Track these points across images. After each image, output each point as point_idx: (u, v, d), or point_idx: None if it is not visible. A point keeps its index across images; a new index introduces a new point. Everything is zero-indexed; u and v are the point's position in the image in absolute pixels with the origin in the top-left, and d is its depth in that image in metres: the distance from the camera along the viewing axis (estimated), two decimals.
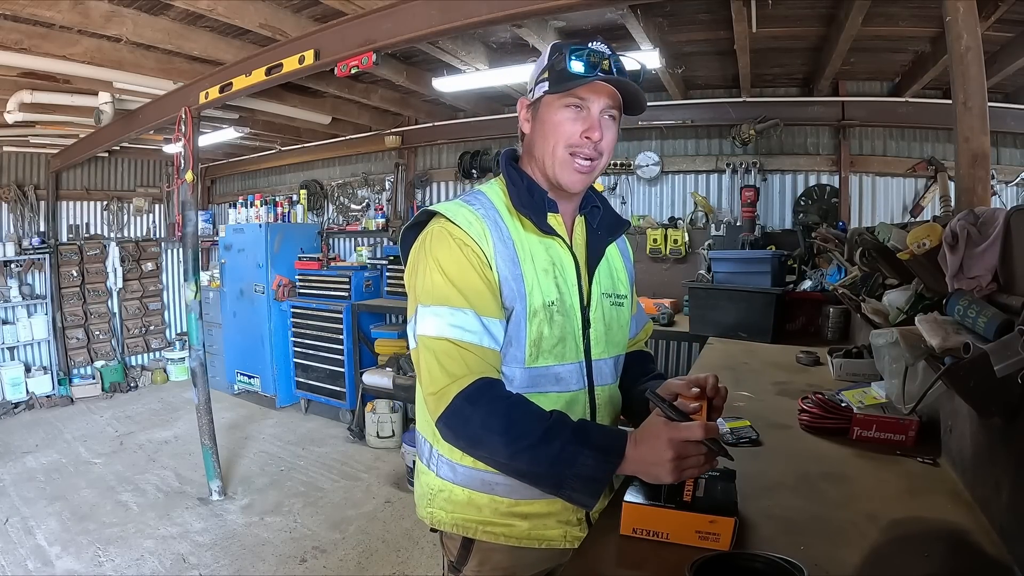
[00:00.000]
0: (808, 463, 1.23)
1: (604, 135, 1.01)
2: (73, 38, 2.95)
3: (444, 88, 3.68)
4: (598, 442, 0.88)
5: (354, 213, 5.74)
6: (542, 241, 1.04)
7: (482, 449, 0.94)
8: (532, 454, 0.88)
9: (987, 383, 0.82)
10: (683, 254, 4.05)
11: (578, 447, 0.87)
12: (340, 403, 4.86)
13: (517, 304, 0.99)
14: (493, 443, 0.90)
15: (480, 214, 1.01)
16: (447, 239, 0.98)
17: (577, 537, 1.07)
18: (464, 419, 0.91)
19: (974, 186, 1.56)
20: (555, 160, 1.02)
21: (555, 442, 0.88)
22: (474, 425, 0.91)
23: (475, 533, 1.06)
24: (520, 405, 0.93)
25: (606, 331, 1.10)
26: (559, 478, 0.88)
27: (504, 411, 0.91)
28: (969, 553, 0.88)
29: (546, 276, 1.02)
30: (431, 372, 0.95)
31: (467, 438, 0.94)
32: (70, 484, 3.79)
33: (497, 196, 1.07)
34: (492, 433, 0.90)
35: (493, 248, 0.98)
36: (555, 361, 1.02)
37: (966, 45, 1.57)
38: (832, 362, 2.00)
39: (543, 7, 2.08)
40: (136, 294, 6.50)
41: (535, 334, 1.00)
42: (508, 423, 0.89)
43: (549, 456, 0.88)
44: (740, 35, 2.85)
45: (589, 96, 0.99)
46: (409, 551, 2.98)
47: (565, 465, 0.87)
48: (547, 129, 1.02)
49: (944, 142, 3.56)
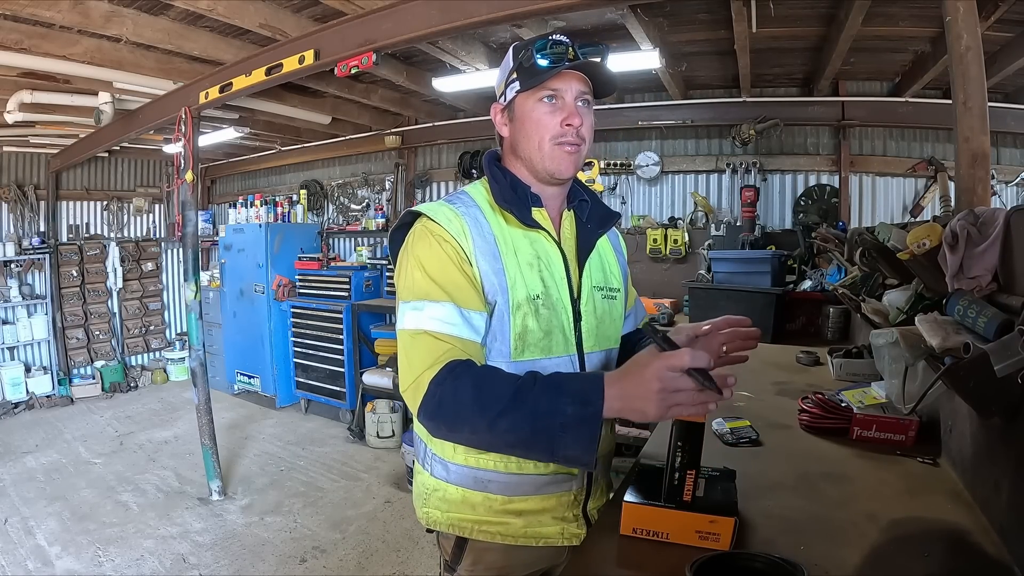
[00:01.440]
0: (808, 463, 1.23)
1: (583, 120, 1.02)
2: (73, 38, 2.95)
3: (444, 88, 3.68)
4: (572, 388, 0.83)
5: (354, 213, 5.74)
6: (527, 235, 1.05)
7: (462, 428, 0.89)
8: (510, 418, 0.84)
9: (987, 383, 0.82)
10: (683, 254, 4.05)
11: (553, 398, 0.83)
12: (340, 403, 4.86)
13: (499, 298, 0.99)
14: (468, 416, 0.86)
15: (460, 212, 1.02)
16: (427, 237, 0.99)
17: (575, 534, 1.07)
18: (437, 402, 0.88)
19: (974, 186, 1.56)
20: (542, 154, 1.03)
21: (528, 399, 0.83)
22: (447, 404, 0.88)
23: (470, 533, 1.06)
24: (488, 373, 0.91)
25: (598, 324, 1.10)
26: (548, 438, 0.82)
27: (472, 381, 0.88)
28: (969, 553, 0.88)
29: (531, 269, 1.02)
30: (409, 364, 0.94)
31: (445, 421, 0.90)
32: (70, 484, 3.79)
33: (479, 194, 1.08)
34: (464, 406, 0.86)
35: (472, 244, 0.98)
36: (541, 355, 1.02)
37: (966, 45, 1.57)
38: (832, 362, 2.00)
39: (543, 7, 2.08)
40: (136, 294, 6.50)
41: (519, 327, 1.00)
42: (477, 392, 0.86)
43: (527, 415, 0.83)
44: (740, 35, 2.85)
45: (561, 86, 1.00)
46: (409, 551, 2.98)
47: (547, 418, 0.82)
48: (528, 127, 1.03)
49: (944, 142, 3.56)
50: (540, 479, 1.05)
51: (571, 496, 1.08)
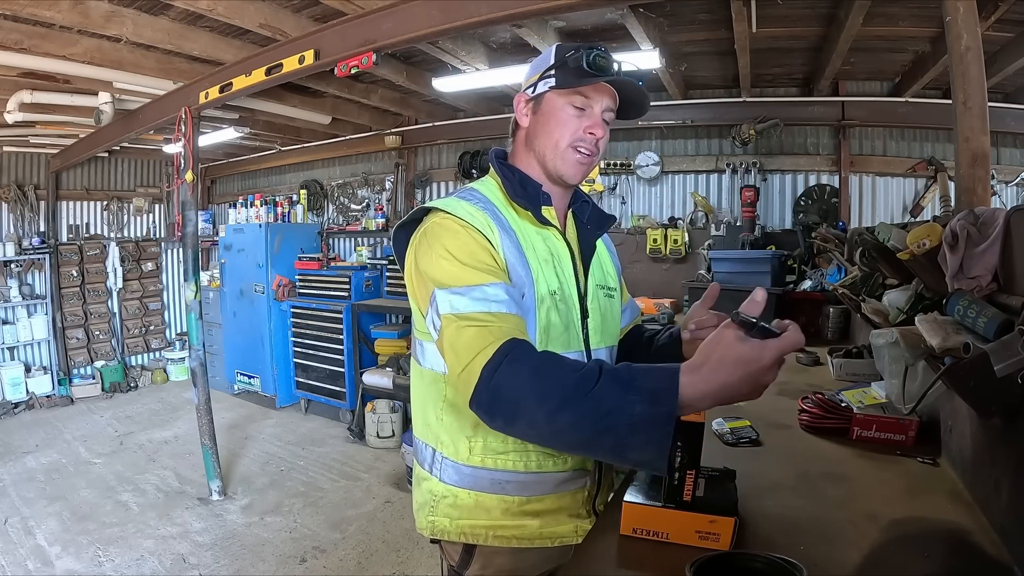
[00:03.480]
0: (808, 463, 1.23)
1: (604, 133, 1.04)
2: (73, 38, 2.95)
3: (444, 88, 3.68)
4: (643, 384, 0.74)
5: (354, 213, 5.74)
6: (539, 232, 1.06)
7: (521, 420, 0.81)
8: (572, 412, 0.75)
9: (987, 383, 0.82)
10: (683, 254, 4.05)
11: (621, 393, 0.74)
12: (340, 403, 4.86)
13: (527, 290, 0.98)
14: (527, 406, 0.78)
15: (480, 207, 1.00)
16: (451, 227, 0.95)
17: (587, 531, 1.05)
18: (493, 390, 0.81)
19: (974, 186, 1.56)
20: (557, 153, 1.04)
21: (593, 394, 0.75)
22: (504, 392, 0.80)
23: (484, 539, 1.03)
24: (549, 358, 0.84)
25: (602, 322, 1.12)
26: (615, 437, 0.73)
27: (532, 367, 0.81)
28: (969, 553, 0.88)
29: (547, 265, 1.03)
30: (456, 351, 0.86)
31: (502, 412, 0.82)
32: (70, 484, 3.79)
33: (491, 191, 1.08)
34: (523, 394, 0.79)
35: (499, 237, 0.97)
36: (562, 349, 1.02)
37: (966, 45, 1.58)
38: (832, 362, 2.00)
39: (543, 7, 2.08)
40: (136, 294, 6.50)
41: (544, 321, 1.00)
42: (537, 378, 0.79)
43: (591, 413, 0.74)
44: (740, 35, 2.85)
45: (594, 95, 1.02)
46: (409, 551, 2.98)
47: (613, 417, 0.73)
48: (551, 124, 1.04)
49: (944, 142, 3.56)
50: (559, 476, 1.05)
51: (585, 492, 1.09)
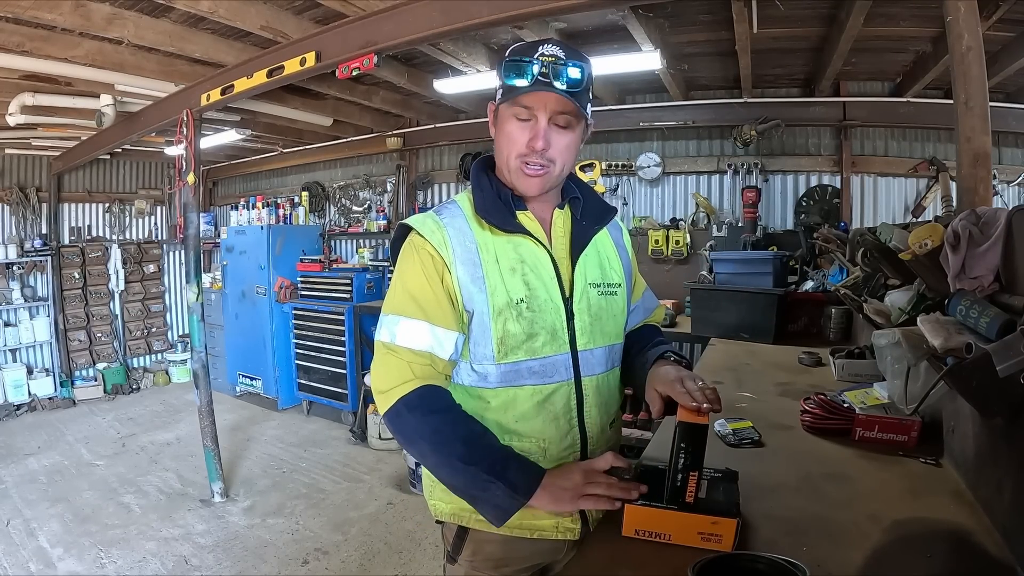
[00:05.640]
0: (810, 464, 1.23)
1: (551, 144, 1.00)
2: (75, 40, 2.96)
3: (445, 90, 3.69)
4: (513, 479, 0.95)
5: (356, 215, 5.75)
6: (510, 240, 1.06)
7: (412, 450, 1.03)
8: (452, 471, 0.97)
9: (989, 383, 0.82)
10: (685, 255, 4.05)
11: (491, 479, 0.94)
12: (342, 405, 4.86)
13: (480, 305, 1.02)
14: (421, 448, 1.00)
15: (444, 222, 1.05)
16: (412, 252, 1.05)
17: (569, 528, 1.07)
18: (401, 422, 0.99)
19: (976, 186, 1.56)
20: (510, 169, 1.05)
21: (471, 467, 0.95)
22: (408, 429, 0.99)
23: (468, 522, 1.09)
24: (451, 420, 0.99)
25: (592, 321, 1.10)
26: (472, 499, 0.97)
27: (435, 424, 0.98)
28: (972, 554, 0.88)
29: (513, 275, 1.04)
30: (380, 375, 1.02)
31: (403, 438, 1.02)
32: (72, 486, 3.79)
33: (465, 203, 1.10)
34: (422, 440, 0.99)
35: (453, 253, 1.02)
36: (526, 356, 1.03)
37: (967, 45, 1.57)
38: (834, 363, 1.99)
39: (544, 8, 2.08)
40: (138, 296, 6.51)
41: (501, 332, 1.02)
42: (436, 437, 0.97)
43: (466, 478, 0.96)
44: (741, 36, 2.85)
45: (534, 104, 0.99)
46: (411, 553, 2.98)
47: (478, 490, 0.95)
48: (502, 139, 1.05)
49: (945, 142, 3.56)
50: None
51: None
